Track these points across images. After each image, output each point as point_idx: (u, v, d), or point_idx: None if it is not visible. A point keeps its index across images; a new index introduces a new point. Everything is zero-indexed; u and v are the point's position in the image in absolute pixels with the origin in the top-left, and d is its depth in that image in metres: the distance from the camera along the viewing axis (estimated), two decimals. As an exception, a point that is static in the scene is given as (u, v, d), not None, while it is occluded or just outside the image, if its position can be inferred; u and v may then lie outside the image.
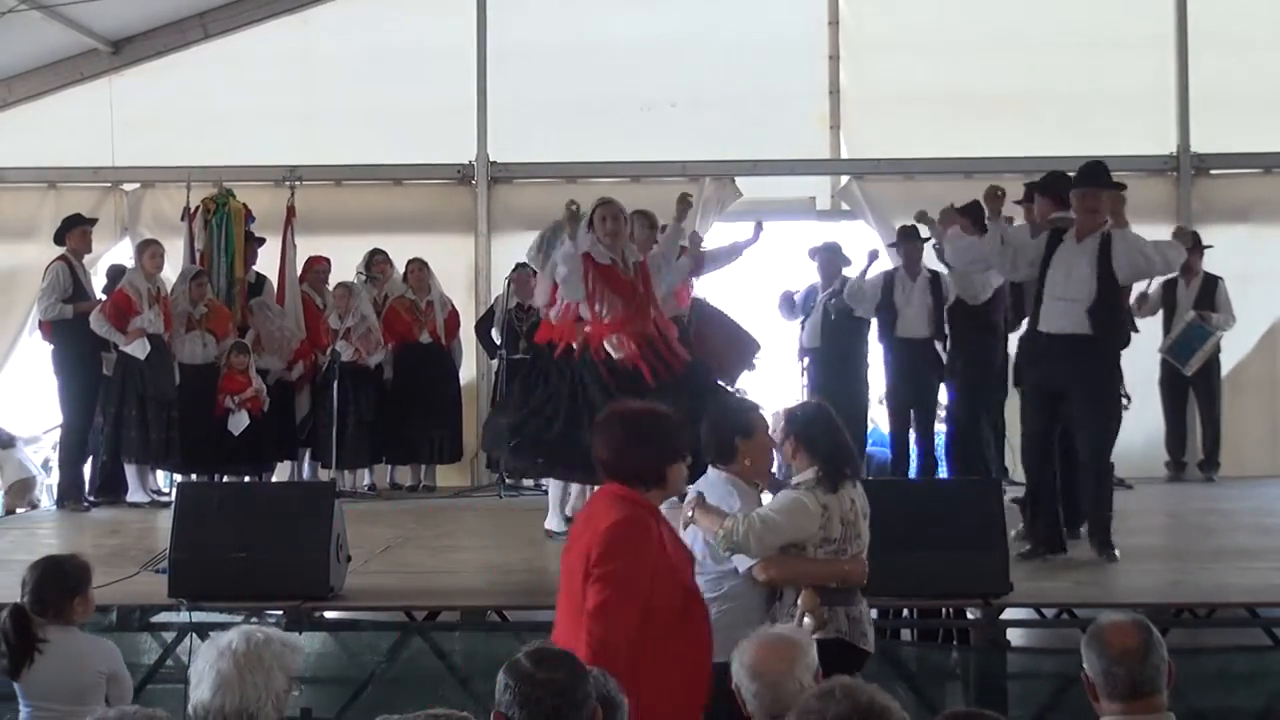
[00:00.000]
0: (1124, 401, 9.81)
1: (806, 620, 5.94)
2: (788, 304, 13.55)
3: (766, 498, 6.36)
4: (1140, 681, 4.38)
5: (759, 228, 11.39)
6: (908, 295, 12.69)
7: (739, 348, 13.16)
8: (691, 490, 6.18)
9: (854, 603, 6.17)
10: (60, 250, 12.85)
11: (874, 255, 13.13)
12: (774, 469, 6.64)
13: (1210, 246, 13.79)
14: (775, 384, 16.61)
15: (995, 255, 9.64)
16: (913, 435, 12.84)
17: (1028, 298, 10.02)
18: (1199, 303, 13.57)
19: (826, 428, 6.29)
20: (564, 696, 3.65)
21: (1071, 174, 9.54)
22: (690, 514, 6.09)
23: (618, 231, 9.62)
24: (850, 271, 13.39)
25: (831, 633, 6.00)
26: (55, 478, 14.24)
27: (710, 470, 6.35)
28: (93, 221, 13.26)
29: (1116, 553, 9.06)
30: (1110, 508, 9.30)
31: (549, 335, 9.71)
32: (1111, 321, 9.24)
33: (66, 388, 12.81)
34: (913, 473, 12.68)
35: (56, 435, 13.93)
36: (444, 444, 13.86)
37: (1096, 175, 9.30)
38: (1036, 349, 9.34)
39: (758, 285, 14.11)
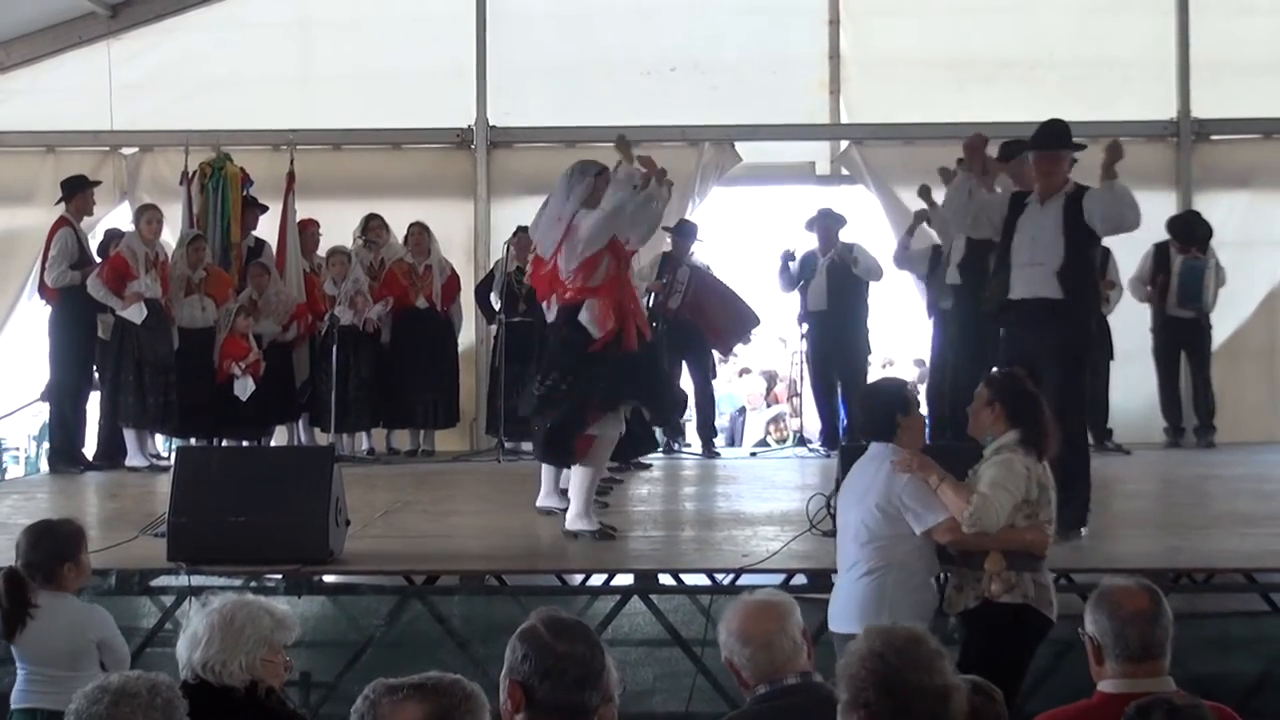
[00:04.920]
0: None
1: (994, 585, 6.08)
2: (785, 272, 13.52)
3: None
4: (1151, 644, 4.40)
5: None
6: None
7: (737, 320, 13.18)
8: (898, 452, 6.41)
9: (1040, 569, 6.35)
10: (60, 212, 12.88)
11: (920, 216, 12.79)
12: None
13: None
14: (774, 346, 16.73)
15: (958, 209, 9.35)
16: None
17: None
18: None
19: (1033, 398, 6.54)
20: (586, 668, 3.65)
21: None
22: (936, 483, 6.30)
23: None
24: (847, 233, 13.41)
25: (1018, 597, 6.23)
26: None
27: (873, 445, 6.57)
28: (96, 183, 13.32)
29: (1084, 531, 8.68)
30: (1087, 481, 8.85)
31: None
32: (1082, 284, 8.84)
33: (62, 351, 12.83)
34: None
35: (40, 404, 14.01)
36: (439, 408, 13.87)
37: (1057, 137, 9.07)
38: (1009, 319, 8.94)
39: (759, 250, 14.14)
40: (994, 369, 7.00)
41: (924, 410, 6.82)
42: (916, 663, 3.74)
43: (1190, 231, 13.58)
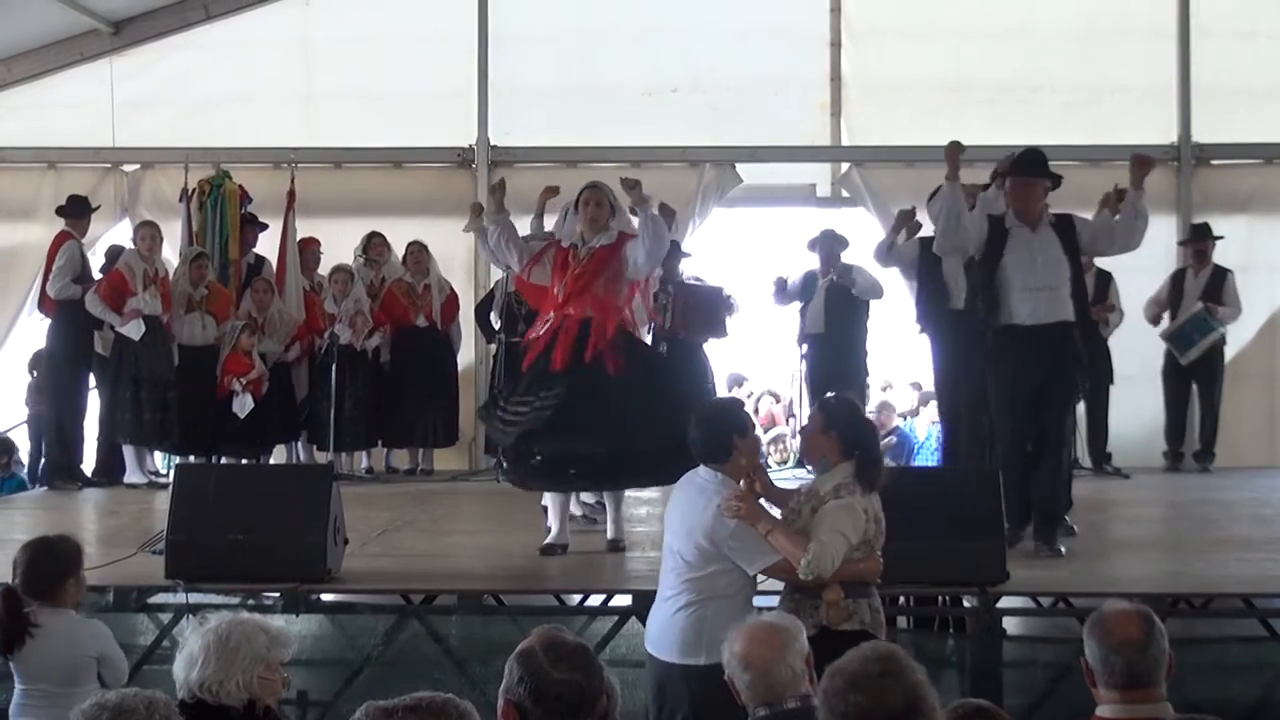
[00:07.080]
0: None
1: (832, 613, 6.05)
2: (780, 289, 13.48)
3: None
4: (1138, 673, 4.36)
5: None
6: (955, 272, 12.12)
7: (710, 305, 13.13)
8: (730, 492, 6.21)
9: (873, 595, 6.28)
10: (62, 224, 12.98)
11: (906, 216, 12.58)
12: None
13: (1221, 238, 13.79)
14: (772, 370, 16.71)
15: (953, 222, 9.22)
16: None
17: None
18: (1206, 294, 13.54)
19: (867, 427, 6.45)
20: (580, 695, 3.64)
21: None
22: (765, 529, 6.13)
23: (595, 217, 9.23)
24: (848, 256, 13.36)
25: (855, 624, 6.12)
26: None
27: (702, 470, 6.37)
28: (96, 208, 13.42)
29: (1062, 549, 8.91)
30: (1069, 498, 9.27)
31: None
32: (1085, 304, 9.23)
33: (60, 365, 12.85)
34: None
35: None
36: (440, 427, 13.86)
37: (1033, 165, 9.15)
38: (1013, 342, 8.96)
39: (758, 273, 14.11)
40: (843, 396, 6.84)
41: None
42: (887, 683, 3.72)
43: (1199, 233, 13.68)
